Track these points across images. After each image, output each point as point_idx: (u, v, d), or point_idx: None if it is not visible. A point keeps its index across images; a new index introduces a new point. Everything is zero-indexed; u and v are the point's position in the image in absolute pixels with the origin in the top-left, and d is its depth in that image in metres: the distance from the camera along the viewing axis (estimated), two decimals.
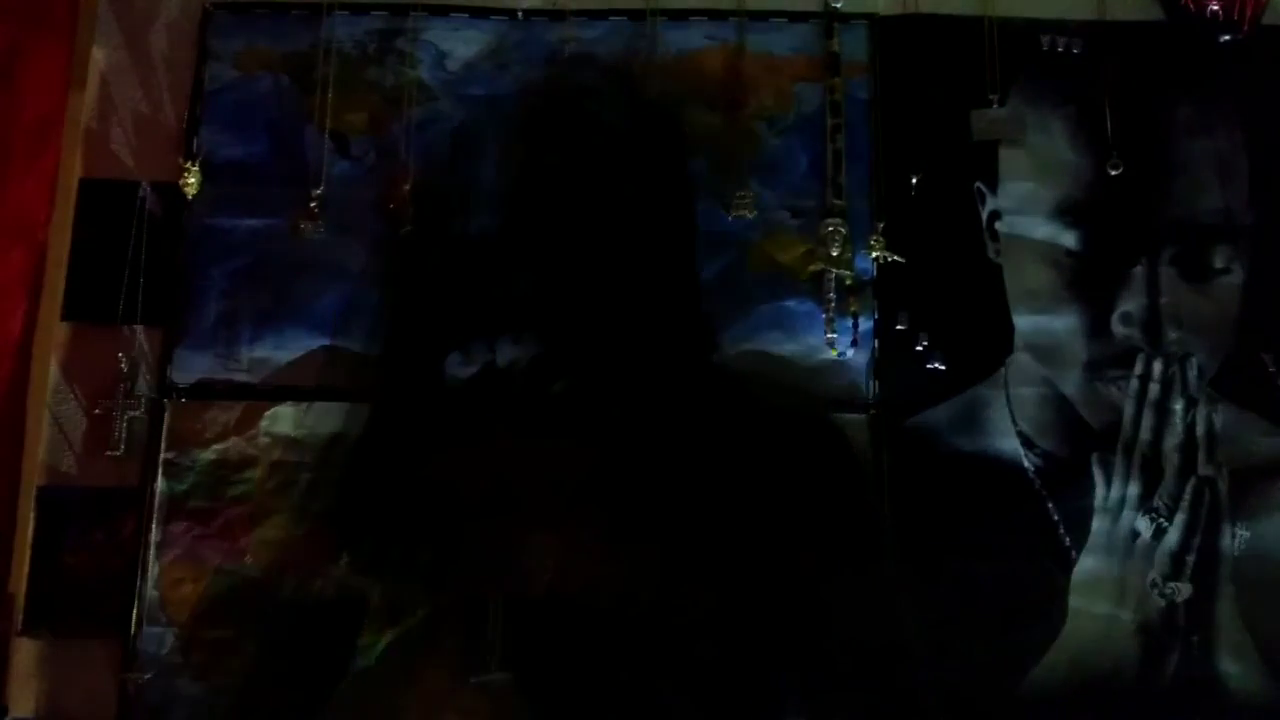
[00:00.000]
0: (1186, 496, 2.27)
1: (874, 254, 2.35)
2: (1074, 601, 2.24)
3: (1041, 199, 2.39)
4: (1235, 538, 2.26)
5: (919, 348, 2.32)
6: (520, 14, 2.47)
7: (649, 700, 2.05)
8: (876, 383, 2.31)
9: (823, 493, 2.17)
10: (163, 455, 2.28)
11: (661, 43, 2.44)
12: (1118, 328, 2.34)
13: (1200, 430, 2.30)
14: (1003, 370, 2.33)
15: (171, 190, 2.36)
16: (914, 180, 2.38)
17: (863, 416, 2.30)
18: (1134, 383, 2.32)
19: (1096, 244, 2.37)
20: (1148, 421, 2.30)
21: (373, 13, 2.46)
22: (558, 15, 2.46)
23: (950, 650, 2.20)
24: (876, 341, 2.33)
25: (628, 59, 2.42)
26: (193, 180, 2.36)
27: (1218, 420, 2.31)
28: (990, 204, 2.40)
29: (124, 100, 2.44)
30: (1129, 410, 2.31)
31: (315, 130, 2.41)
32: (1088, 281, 2.36)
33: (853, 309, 2.33)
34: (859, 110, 2.42)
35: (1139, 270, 2.36)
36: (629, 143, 2.33)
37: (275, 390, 2.31)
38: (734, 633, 2.05)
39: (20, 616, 2.21)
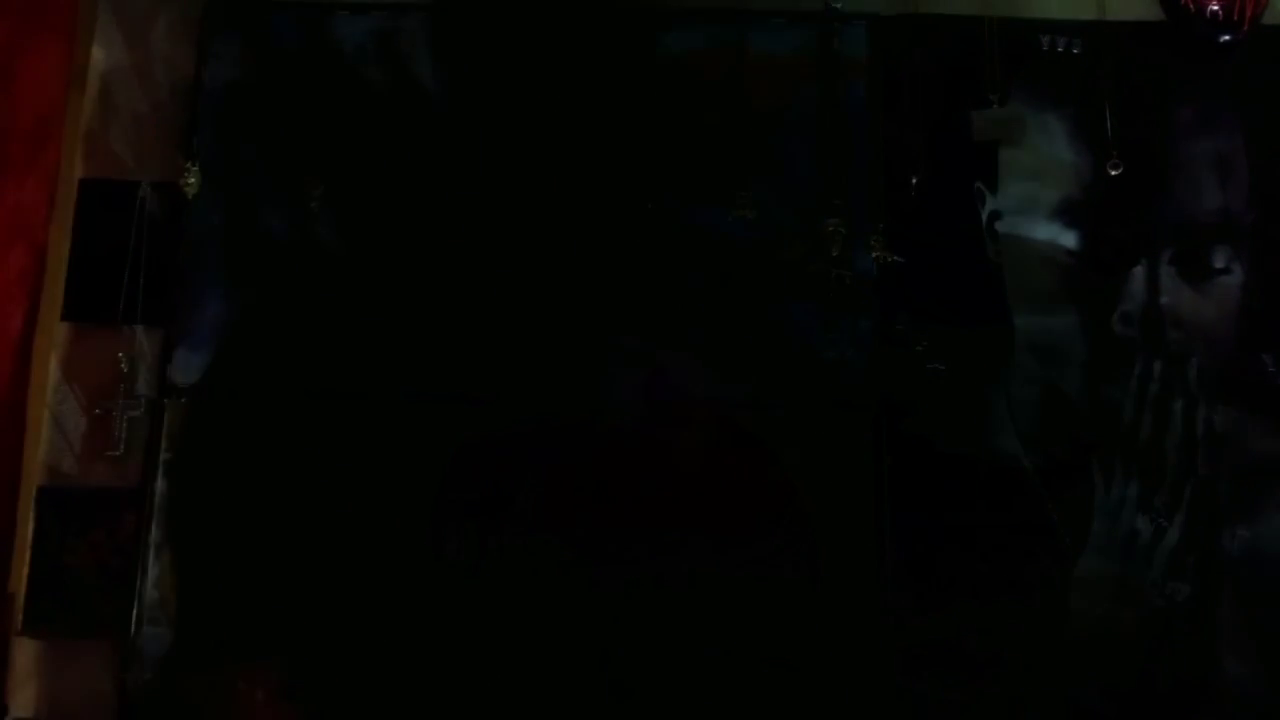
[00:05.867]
0: (1186, 496, 2.27)
1: (874, 254, 2.35)
2: (1074, 601, 2.24)
3: (1041, 199, 2.40)
4: (1235, 538, 2.26)
5: (919, 348, 2.32)
6: None
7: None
8: (876, 383, 2.32)
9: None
10: (163, 455, 2.28)
11: (662, 45, 2.44)
12: (1118, 328, 2.34)
13: (1200, 430, 2.30)
14: (1003, 370, 2.33)
15: (171, 190, 2.37)
16: (914, 180, 2.38)
17: (863, 416, 2.30)
18: (1134, 383, 2.32)
19: (1096, 244, 2.37)
20: (1148, 421, 2.30)
21: (373, 13, 2.47)
22: None
23: (949, 649, 2.20)
24: (877, 342, 2.33)
25: None
26: (193, 180, 2.36)
27: (1218, 420, 2.31)
28: (990, 204, 2.40)
29: (124, 100, 2.44)
30: (1129, 410, 2.31)
31: (318, 130, 2.41)
32: (1088, 281, 2.36)
33: (853, 309, 2.34)
34: (859, 110, 2.42)
35: (1139, 270, 2.36)
36: None
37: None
38: None
39: (20, 616, 2.22)
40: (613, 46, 2.44)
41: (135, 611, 2.21)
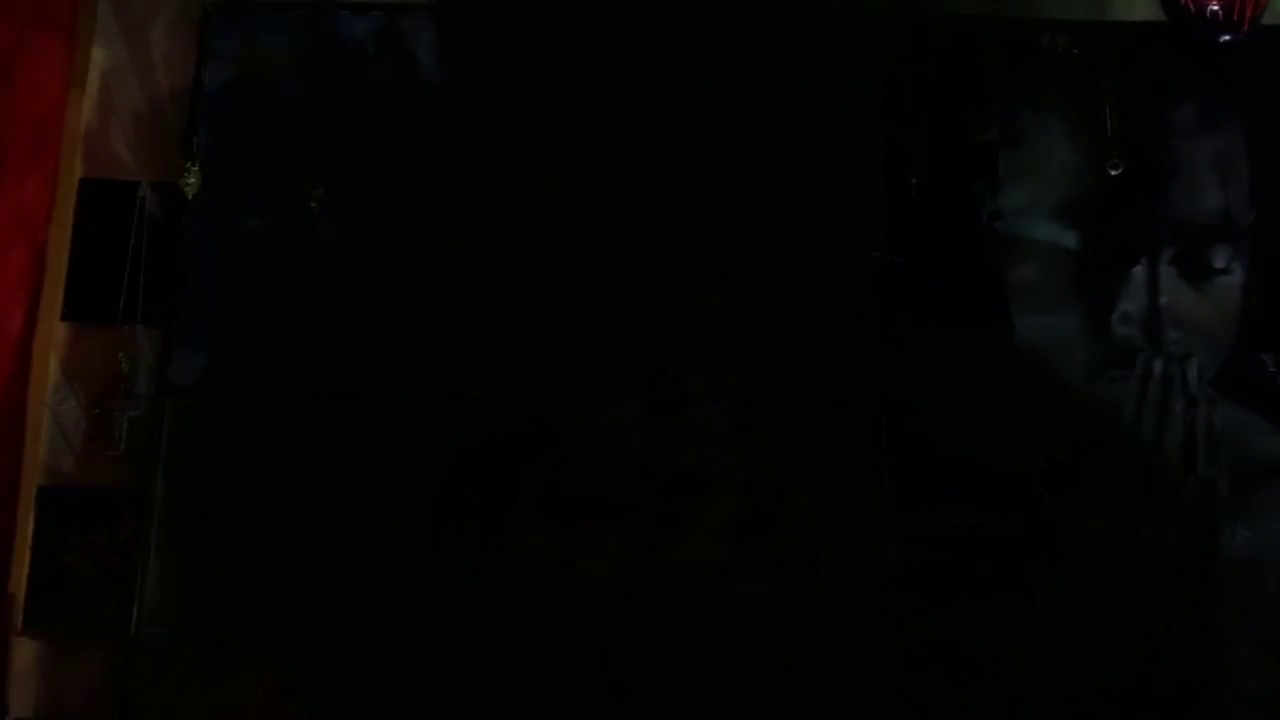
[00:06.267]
0: (1186, 496, 2.27)
1: (874, 254, 2.35)
2: (1075, 602, 2.24)
3: (1041, 199, 2.40)
4: (1235, 538, 2.26)
5: (919, 347, 2.32)
6: None
7: None
8: (877, 383, 2.32)
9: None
10: (163, 455, 2.28)
11: (659, 44, 2.44)
12: (1118, 328, 2.34)
13: (1200, 430, 2.30)
14: (1003, 370, 2.33)
15: (171, 190, 2.37)
16: (914, 180, 2.38)
17: (863, 416, 2.30)
18: (1134, 383, 2.32)
19: (1096, 244, 2.37)
20: (1148, 421, 2.30)
21: (373, 13, 2.47)
22: None
23: (949, 649, 2.20)
24: (876, 341, 2.33)
25: None
26: (193, 180, 2.36)
27: (1218, 420, 2.31)
28: (990, 204, 2.40)
29: (124, 100, 2.44)
30: (1129, 410, 2.31)
31: (318, 130, 2.41)
32: (1088, 281, 2.36)
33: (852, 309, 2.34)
34: (859, 110, 2.42)
35: (1139, 270, 2.36)
36: None
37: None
38: None
39: (20, 616, 2.22)
40: (610, 46, 2.44)
41: (135, 611, 2.21)
